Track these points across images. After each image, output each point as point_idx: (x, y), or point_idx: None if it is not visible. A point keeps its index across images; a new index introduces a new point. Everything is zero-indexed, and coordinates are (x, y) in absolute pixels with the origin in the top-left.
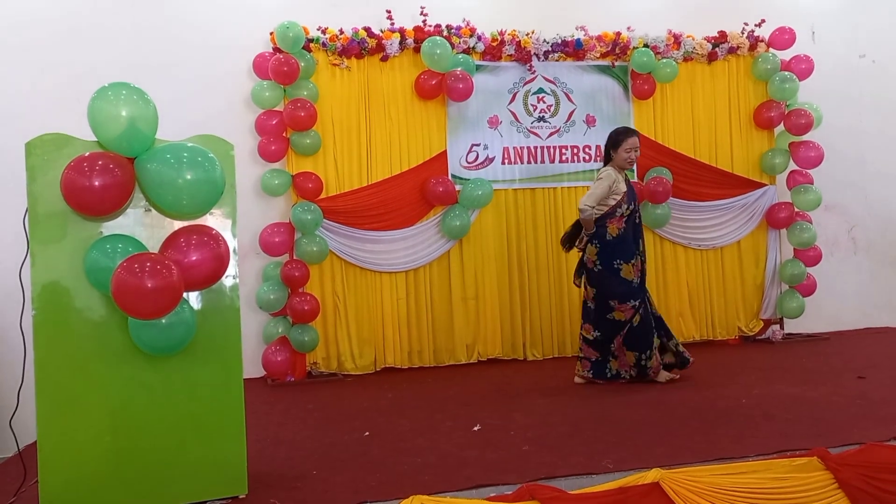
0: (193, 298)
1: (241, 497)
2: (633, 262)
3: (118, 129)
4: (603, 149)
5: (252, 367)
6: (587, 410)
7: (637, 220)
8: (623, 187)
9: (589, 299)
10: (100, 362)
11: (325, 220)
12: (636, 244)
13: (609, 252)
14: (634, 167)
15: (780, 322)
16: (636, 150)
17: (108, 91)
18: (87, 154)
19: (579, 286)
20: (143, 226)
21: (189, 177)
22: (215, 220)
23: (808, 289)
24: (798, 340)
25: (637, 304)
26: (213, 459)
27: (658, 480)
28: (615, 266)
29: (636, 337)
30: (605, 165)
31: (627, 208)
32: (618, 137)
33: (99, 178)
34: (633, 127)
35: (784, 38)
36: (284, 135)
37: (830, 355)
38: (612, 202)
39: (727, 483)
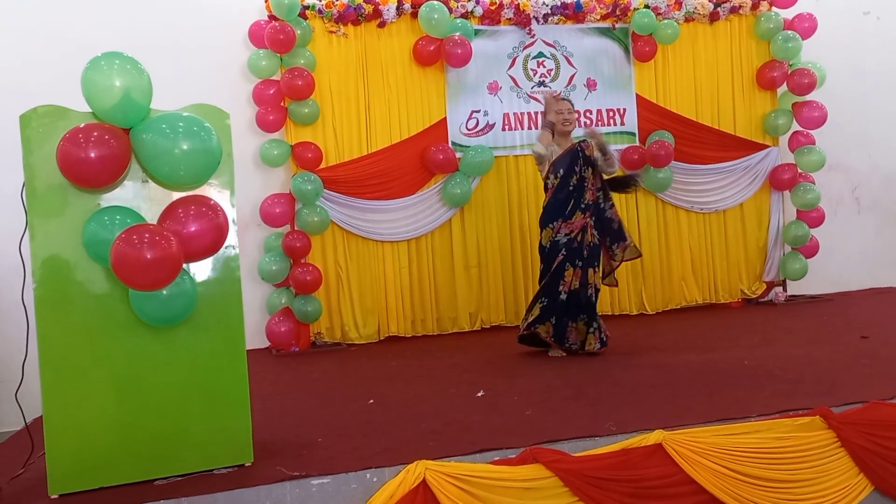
0: (194, 269)
1: (247, 465)
2: (551, 225)
3: (112, 100)
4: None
5: (256, 338)
6: (590, 374)
7: (572, 186)
8: (553, 155)
9: None
10: (102, 335)
11: (325, 190)
12: (564, 209)
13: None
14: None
15: (783, 284)
16: (569, 112)
17: (101, 61)
18: (82, 125)
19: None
20: (141, 198)
21: (185, 147)
22: (213, 191)
23: (811, 250)
24: (801, 302)
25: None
26: (219, 428)
27: (661, 442)
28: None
29: (576, 305)
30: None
31: (555, 178)
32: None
33: (95, 149)
34: (634, 90)
35: None
36: (282, 104)
37: (834, 316)
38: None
39: (729, 443)
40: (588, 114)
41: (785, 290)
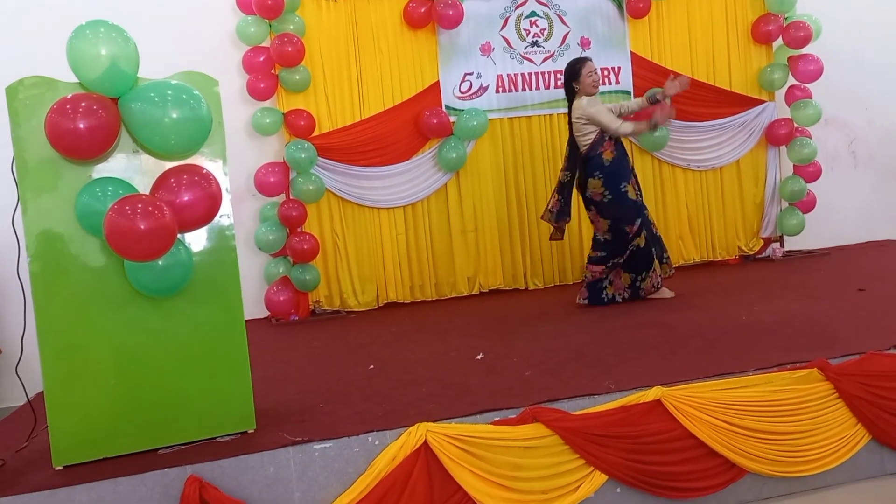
0: (189, 239)
1: (249, 432)
2: (631, 181)
3: (99, 69)
4: (563, 86)
5: (255, 308)
6: (589, 335)
7: (621, 140)
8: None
9: (602, 232)
10: (100, 307)
11: (319, 157)
12: (629, 163)
13: (613, 178)
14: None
15: (781, 240)
16: (596, 73)
17: (87, 30)
18: (69, 96)
19: (561, 238)
20: (133, 169)
21: (175, 115)
22: (205, 160)
23: (808, 205)
24: (798, 257)
25: (640, 223)
26: (220, 397)
27: (659, 398)
28: (622, 190)
29: (637, 259)
30: (571, 101)
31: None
32: (575, 66)
33: (83, 120)
34: (628, 48)
35: None
36: (273, 72)
37: (831, 270)
38: (596, 129)
39: (727, 397)
40: None
41: (782, 245)
